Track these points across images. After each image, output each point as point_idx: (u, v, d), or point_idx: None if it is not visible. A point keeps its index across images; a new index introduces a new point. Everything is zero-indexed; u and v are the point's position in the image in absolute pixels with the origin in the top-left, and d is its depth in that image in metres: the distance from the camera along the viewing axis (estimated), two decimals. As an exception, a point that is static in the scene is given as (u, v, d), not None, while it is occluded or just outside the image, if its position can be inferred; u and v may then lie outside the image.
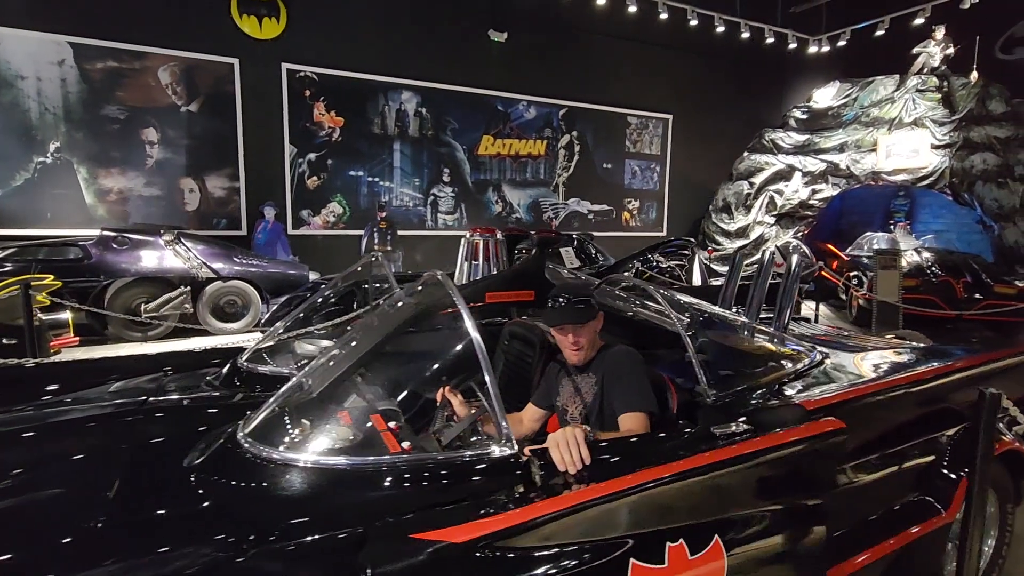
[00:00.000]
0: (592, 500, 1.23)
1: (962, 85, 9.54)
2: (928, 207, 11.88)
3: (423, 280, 1.76)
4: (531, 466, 1.34)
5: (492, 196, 9.63)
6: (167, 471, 1.38)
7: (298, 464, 1.28)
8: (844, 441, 1.56)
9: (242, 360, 2.08)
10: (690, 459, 1.36)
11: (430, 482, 1.26)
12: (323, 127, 8.23)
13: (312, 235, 8.41)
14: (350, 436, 1.47)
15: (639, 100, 10.83)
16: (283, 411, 1.51)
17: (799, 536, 1.50)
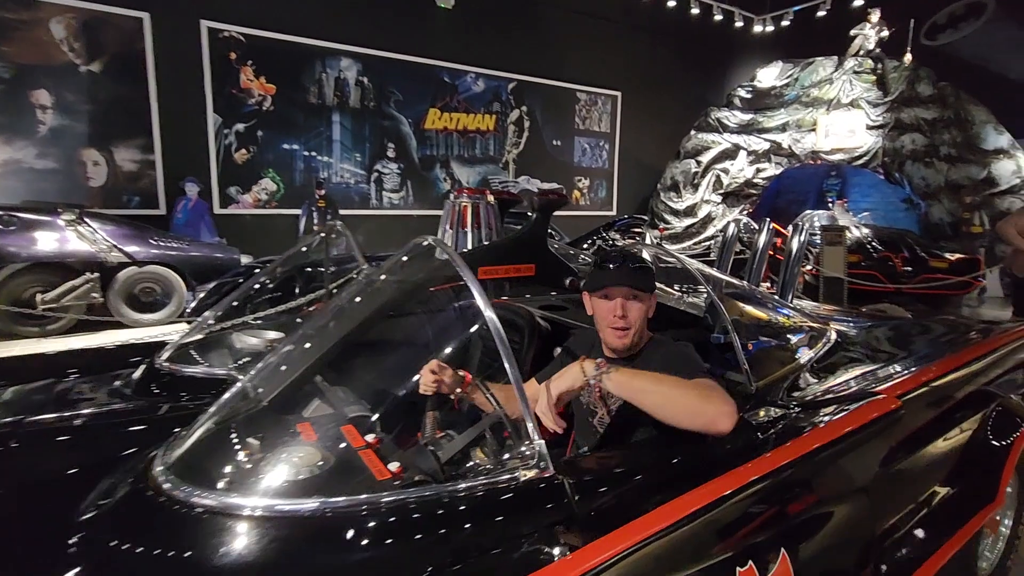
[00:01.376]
0: (654, 535, 0.93)
1: (895, 68, 9.92)
2: (859, 186, 12.45)
3: (410, 249, 1.38)
4: (566, 488, 1.02)
5: (440, 173, 9.13)
6: (48, 529, 0.95)
7: (246, 513, 0.89)
8: (902, 420, 1.34)
9: (161, 360, 1.63)
10: (760, 461, 1.08)
11: (443, 525, 0.91)
12: (252, 95, 7.42)
13: (242, 214, 7.63)
14: (318, 461, 1.09)
15: (588, 76, 10.58)
16: (221, 431, 1.10)
17: (856, 530, 1.27)
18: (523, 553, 0.87)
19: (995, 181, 9.17)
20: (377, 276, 1.41)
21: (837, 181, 12.93)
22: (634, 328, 1.32)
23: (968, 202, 9.43)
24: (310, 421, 1.30)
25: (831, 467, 1.12)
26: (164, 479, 0.96)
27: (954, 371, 1.60)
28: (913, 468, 1.46)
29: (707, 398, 1.11)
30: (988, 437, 1.74)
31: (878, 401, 1.26)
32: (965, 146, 9.41)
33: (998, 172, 9.14)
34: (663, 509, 0.96)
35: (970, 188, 9.36)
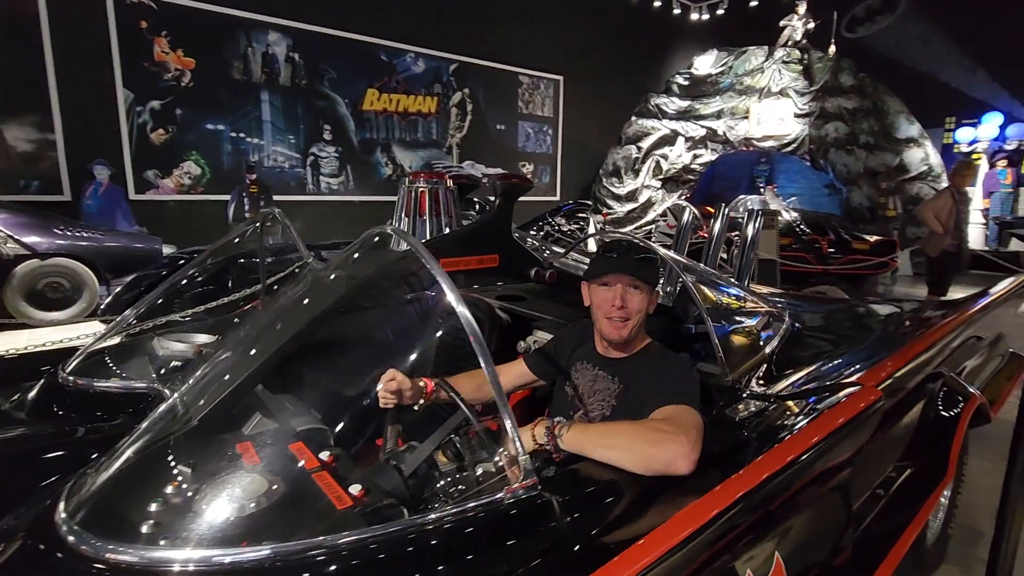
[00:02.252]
0: (655, 560, 0.84)
1: (819, 59, 10.41)
2: (786, 172, 13.11)
3: (365, 239, 1.22)
4: (554, 505, 0.92)
5: (381, 157, 8.75)
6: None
7: (176, 570, 0.73)
8: (880, 409, 1.34)
9: (66, 372, 1.39)
10: (762, 463, 1.03)
11: (419, 563, 0.79)
12: (168, 68, 6.78)
13: (163, 200, 7.01)
14: (263, 491, 0.93)
15: (531, 59, 10.44)
16: (140, 462, 0.92)
17: (838, 520, 1.26)
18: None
19: (907, 168, 9.86)
20: (327, 270, 1.25)
21: (766, 167, 13.57)
22: (632, 320, 1.25)
23: (884, 188, 10.11)
24: (251, 440, 1.13)
25: (820, 462, 1.10)
26: (68, 529, 0.77)
27: (918, 356, 1.63)
28: (880, 453, 1.48)
29: (657, 443, 1.01)
30: (937, 416, 1.80)
31: (862, 392, 1.25)
32: (881, 135, 10.05)
33: (909, 160, 9.83)
34: (661, 530, 0.88)
35: (885, 175, 10.02)
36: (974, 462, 2.42)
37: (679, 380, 1.18)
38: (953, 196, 5.19)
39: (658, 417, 1.08)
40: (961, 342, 2.07)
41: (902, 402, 1.62)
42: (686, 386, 1.17)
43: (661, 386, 1.17)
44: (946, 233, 5.18)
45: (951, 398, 1.86)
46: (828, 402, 1.22)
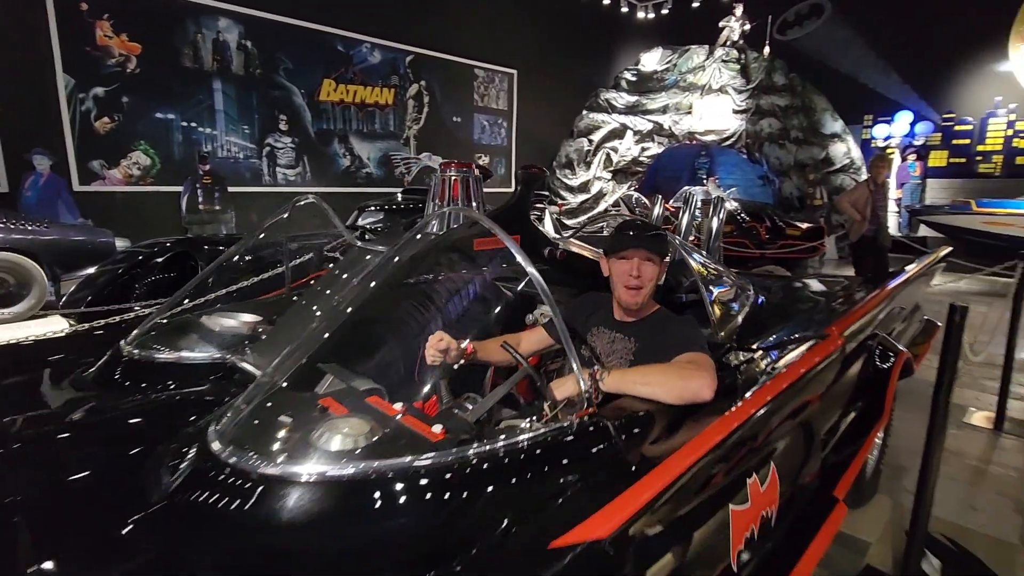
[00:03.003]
0: (698, 460, 1.10)
1: (755, 59, 11.13)
2: (725, 164, 13.90)
3: (432, 220, 1.40)
4: (610, 428, 1.15)
5: (339, 148, 8.68)
6: (117, 519, 0.89)
7: (314, 480, 0.91)
8: (841, 354, 1.66)
9: (129, 346, 1.50)
10: (763, 390, 1.31)
11: (504, 477, 0.99)
12: (112, 54, 6.48)
13: (109, 192, 6.71)
14: (367, 430, 1.11)
15: (485, 52, 10.58)
16: (266, 405, 1.09)
17: (812, 442, 1.57)
18: (576, 498, 0.97)
19: (831, 161, 10.75)
20: (394, 250, 1.41)
21: (707, 160, 14.33)
22: (646, 288, 1.47)
23: (811, 179, 10.98)
24: (331, 396, 1.30)
25: (801, 394, 1.39)
26: (228, 455, 0.94)
27: (862, 318, 1.98)
28: (836, 396, 1.82)
29: (686, 378, 1.27)
30: (875, 368, 2.18)
31: (830, 339, 1.55)
32: (809, 130, 10.90)
33: (834, 153, 10.72)
34: (691, 444, 1.14)
35: (813, 167, 10.89)
36: (897, 413, 2.87)
37: (690, 333, 1.44)
38: (870, 187, 5.81)
39: (684, 361, 1.33)
40: (888, 311, 2.47)
41: (851, 356, 1.97)
42: (696, 337, 1.43)
43: (676, 339, 1.42)
44: (864, 220, 5.80)
45: (885, 354, 2.24)
46: (807, 346, 1.52)
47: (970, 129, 10.53)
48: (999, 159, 10.28)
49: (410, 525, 0.88)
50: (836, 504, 1.55)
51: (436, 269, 1.56)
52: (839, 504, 1.56)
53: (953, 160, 10.74)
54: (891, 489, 2.55)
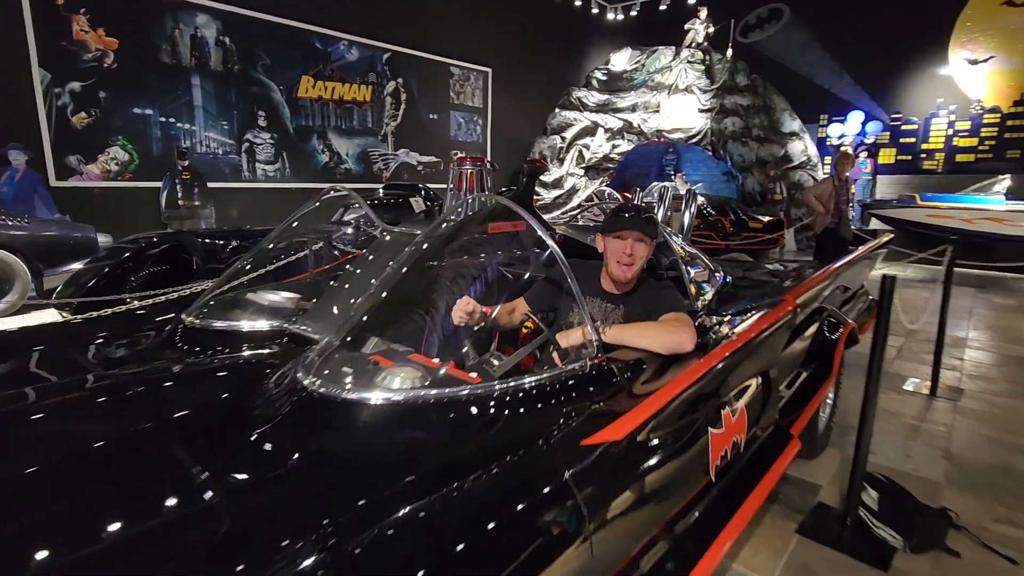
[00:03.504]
0: (687, 387, 1.40)
1: (719, 60, 11.64)
2: (691, 161, 14.41)
3: (465, 207, 1.66)
4: (615, 369, 1.44)
5: (317, 145, 8.77)
6: (228, 447, 1.12)
7: (391, 401, 1.18)
8: (794, 318, 2.00)
9: (189, 318, 1.72)
10: (748, 330, 1.62)
11: (536, 403, 1.26)
12: (89, 48, 6.45)
13: (87, 187, 6.69)
14: (419, 375, 1.37)
15: (461, 51, 10.79)
16: (338, 350, 1.34)
17: (773, 389, 1.90)
18: (586, 421, 1.25)
19: (790, 158, 11.35)
20: (431, 232, 1.66)
21: (673, 157, 14.84)
22: (636, 265, 1.71)
23: (772, 175, 11.57)
24: (379, 354, 1.56)
25: (762, 346, 1.70)
26: (316, 386, 1.19)
27: (809, 291, 2.32)
28: (792, 357, 2.15)
29: (672, 332, 1.55)
30: (825, 335, 2.54)
31: (784, 303, 1.87)
32: (770, 129, 11.48)
33: (792, 151, 11.33)
34: (677, 380, 1.43)
35: (773, 163, 11.47)
36: (847, 383, 3.26)
37: (673, 297, 1.73)
38: (834, 182, 6.29)
39: (669, 319, 1.62)
40: (834, 288, 2.84)
41: (803, 324, 2.31)
42: (678, 300, 1.72)
43: (662, 302, 1.70)
44: (827, 213, 6.27)
45: (833, 325, 2.61)
46: (766, 310, 1.84)
47: (915, 128, 11.28)
48: (941, 156, 11.07)
49: (469, 436, 1.15)
50: (791, 439, 1.88)
51: (464, 248, 1.81)
52: (794, 440, 1.89)
53: (900, 157, 11.49)
54: (840, 444, 2.93)
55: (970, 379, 4.04)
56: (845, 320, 2.67)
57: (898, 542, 2.11)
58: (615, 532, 1.08)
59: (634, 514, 1.14)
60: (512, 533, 0.92)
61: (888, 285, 1.92)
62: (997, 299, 7.03)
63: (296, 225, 2.09)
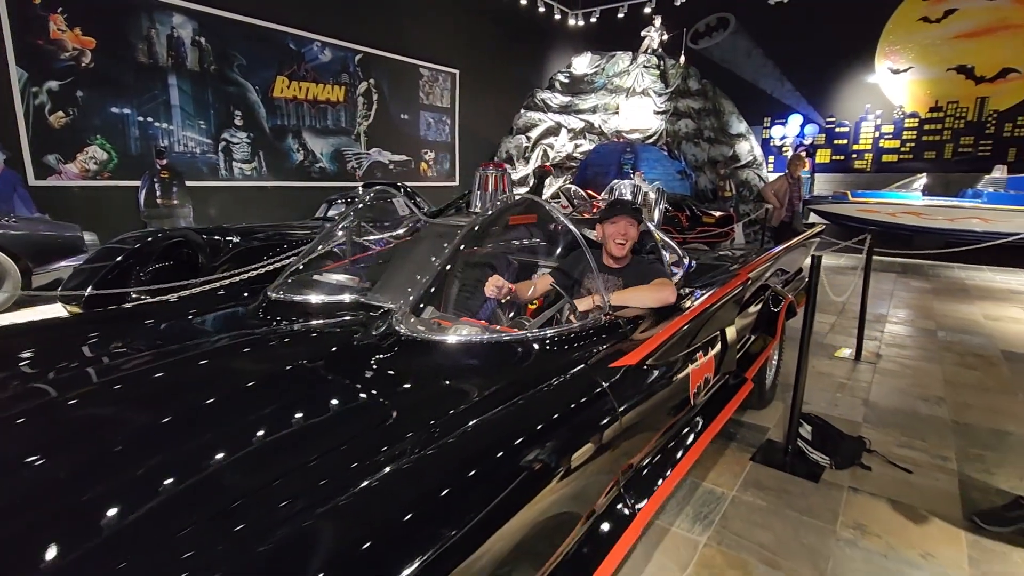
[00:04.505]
0: (673, 333, 1.93)
1: (672, 65, 12.42)
2: (647, 160, 15.22)
3: (509, 200, 2.13)
4: (621, 322, 1.95)
5: (293, 144, 8.95)
6: (340, 379, 1.55)
7: (468, 341, 1.64)
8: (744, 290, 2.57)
9: (274, 293, 2.12)
10: (711, 296, 2.17)
11: (564, 345, 1.75)
12: (66, 47, 6.48)
13: (67, 187, 6.72)
14: (478, 328, 1.84)
15: (429, 52, 11.12)
16: (415, 320, 1.79)
17: (734, 345, 2.47)
18: (609, 353, 1.75)
19: (738, 158, 12.26)
20: (478, 220, 2.11)
21: (631, 156, 15.62)
22: (628, 244, 2.25)
23: (722, 173, 12.46)
24: (438, 317, 2.01)
25: (722, 309, 2.25)
26: (405, 329, 1.65)
27: (756, 269, 2.91)
28: (745, 324, 2.72)
29: (660, 290, 2.10)
30: (769, 308, 3.14)
31: (739, 276, 2.43)
32: (719, 130, 12.36)
33: (740, 151, 12.24)
34: (666, 327, 1.95)
35: (723, 163, 12.36)
36: (789, 353, 3.90)
37: (657, 267, 2.28)
38: (788, 180, 7.04)
39: (655, 282, 2.16)
40: (775, 270, 3.47)
41: (752, 297, 2.90)
42: (661, 268, 2.27)
43: (649, 271, 2.23)
44: (782, 208, 7.03)
45: (776, 299, 3.22)
46: (727, 277, 2.41)
47: (847, 131, 12.40)
48: (869, 156, 12.22)
49: (531, 364, 1.62)
50: (745, 381, 2.45)
51: (497, 235, 2.29)
52: (747, 382, 2.46)
53: (835, 157, 12.60)
54: (783, 399, 3.56)
55: (887, 347, 4.80)
56: (785, 295, 3.29)
57: (826, 462, 2.72)
58: (633, 418, 1.58)
59: (644, 407, 1.65)
60: (570, 420, 1.40)
61: (816, 263, 2.52)
62: (914, 283, 8.01)
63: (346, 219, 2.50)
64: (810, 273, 2.57)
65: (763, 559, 2.06)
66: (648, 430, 1.68)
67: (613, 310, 1.97)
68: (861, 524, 2.29)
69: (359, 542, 0.85)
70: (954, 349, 4.75)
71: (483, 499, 1.01)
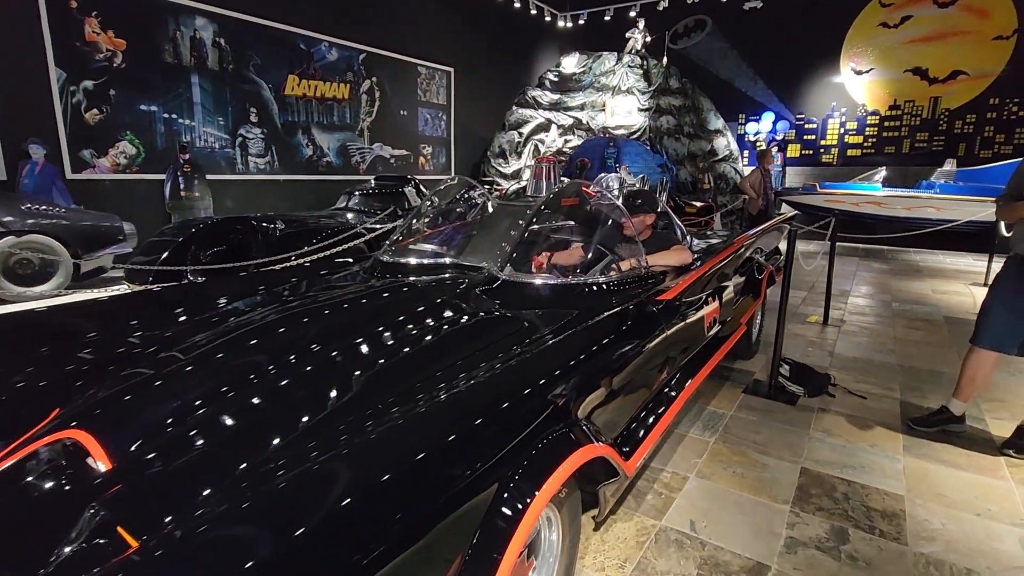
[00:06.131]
0: (693, 282, 2.64)
1: (655, 65, 13.18)
2: (630, 154, 16.01)
3: (561, 186, 2.81)
4: (655, 274, 2.66)
5: (302, 139, 9.43)
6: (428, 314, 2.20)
7: (551, 283, 2.31)
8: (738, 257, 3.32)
9: (383, 257, 2.75)
10: (714, 259, 2.89)
11: (630, 286, 2.45)
12: (100, 49, 6.89)
13: (99, 180, 7.13)
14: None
15: (427, 52, 11.66)
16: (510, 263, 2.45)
17: (734, 302, 3.20)
18: (653, 292, 2.45)
19: (716, 152, 13.11)
20: (544, 200, 2.77)
21: (614, 150, 16.40)
22: (641, 228, 2.95)
23: (701, 167, 13.30)
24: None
25: (722, 270, 2.99)
26: (506, 273, 2.31)
27: (746, 241, 3.66)
28: (737, 287, 3.46)
29: (680, 254, 2.84)
30: (754, 275, 3.89)
31: (732, 245, 3.17)
32: (698, 127, 13.18)
33: (717, 146, 13.08)
34: (686, 278, 2.66)
35: (701, 157, 13.20)
36: (769, 319, 4.67)
37: (673, 238, 2.99)
38: (762, 173, 7.85)
39: (674, 248, 2.87)
40: (757, 246, 4.22)
41: (742, 265, 3.64)
42: (677, 238, 3.00)
43: (668, 241, 2.95)
44: (759, 197, 7.84)
45: (759, 267, 3.97)
46: (723, 246, 3.14)
47: (815, 127, 13.37)
48: (836, 151, 13.21)
49: (593, 299, 2.30)
50: (740, 325, 3.18)
51: (555, 214, 2.97)
52: (742, 326, 3.20)
53: (804, 152, 13.56)
54: (765, 352, 4.32)
55: (850, 314, 5.63)
56: (767, 265, 4.05)
57: (800, 391, 3.48)
58: (672, 334, 2.28)
59: (678, 327, 2.35)
60: (632, 333, 2.09)
61: (793, 234, 3.26)
62: (875, 265, 8.95)
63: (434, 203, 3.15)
64: (788, 242, 3.33)
65: (757, 449, 2.79)
66: (680, 344, 2.39)
67: (649, 267, 2.67)
68: (827, 430, 3.04)
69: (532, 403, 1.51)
70: (905, 315, 5.61)
71: (578, 379, 1.64)
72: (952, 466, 2.68)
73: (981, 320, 2.84)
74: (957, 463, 2.71)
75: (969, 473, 2.61)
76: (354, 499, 0.95)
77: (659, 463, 2.65)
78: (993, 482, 2.54)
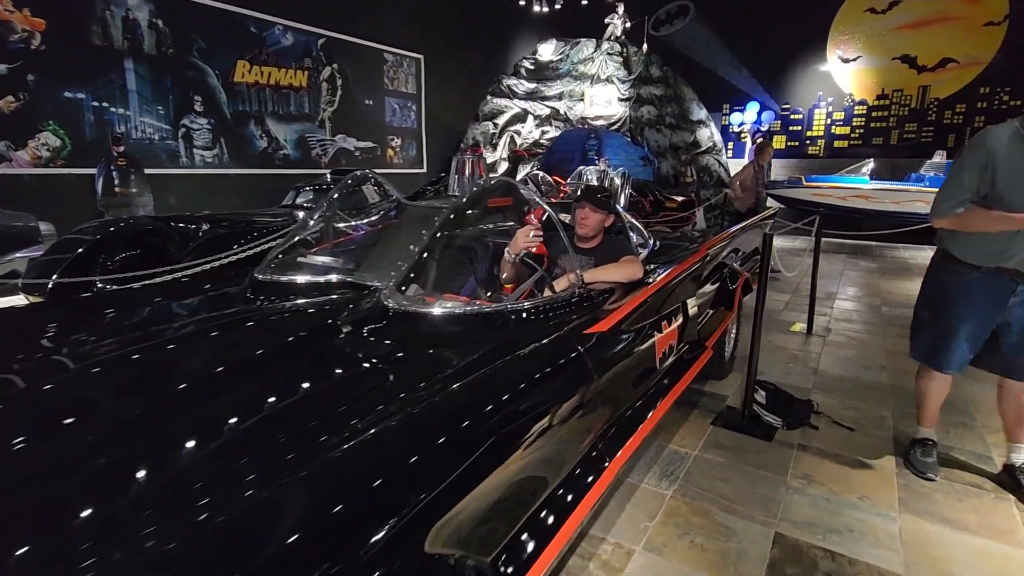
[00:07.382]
0: (639, 304, 2.11)
1: (635, 53, 12.62)
2: (611, 146, 15.49)
3: (487, 185, 2.25)
4: (593, 295, 2.12)
5: (255, 130, 8.77)
6: (324, 350, 1.66)
7: (449, 314, 1.78)
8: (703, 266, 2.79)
9: (261, 275, 2.19)
10: (673, 270, 2.36)
11: (542, 314, 1.91)
12: (14, 29, 6.20)
13: (18, 175, 6.46)
14: (464, 303, 1.97)
15: (393, 37, 11.01)
16: (404, 287, 1.91)
17: (694, 317, 2.68)
18: (584, 322, 1.91)
19: (699, 144, 12.61)
20: (458, 203, 2.22)
21: (595, 142, 15.87)
22: (589, 227, 2.42)
23: (683, 159, 12.81)
24: (422, 294, 2.13)
25: (683, 284, 2.45)
26: (395, 305, 1.76)
27: (716, 244, 3.13)
28: (706, 299, 2.94)
29: (628, 267, 2.29)
30: (727, 284, 3.37)
31: (697, 253, 2.63)
32: (680, 117, 12.66)
33: (700, 137, 12.58)
34: (633, 299, 2.13)
35: (684, 149, 12.70)
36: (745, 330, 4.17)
37: (626, 246, 2.45)
38: (754, 168, 7.36)
39: (624, 259, 2.33)
40: (732, 250, 3.71)
41: (711, 274, 3.12)
42: (629, 246, 2.45)
43: (618, 250, 2.40)
44: (750, 195, 7.36)
45: (733, 275, 3.45)
46: (688, 253, 2.61)
47: (801, 118, 12.91)
48: (822, 143, 12.77)
49: (502, 333, 1.77)
50: (706, 349, 2.66)
51: (476, 217, 2.42)
52: (707, 350, 2.68)
53: (790, 143, 13.11)
54: (741, 370, 3.82)
55: (836, 322, 5.16)
56: (741, 272, 3.53)
57: (778, 423, 2.98)
58: (606, 379, 1.75)
59: (616, 370, 1.83)
60: (549, 381, 1.56)
61: (768, 240, 2.74)
62: (863, 263, 8.51)
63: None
64: (763, 248, 2.81)
65: (722, 507, 2.28)
66: (619, 390, 1.86)
67: (586, 285, 2.14)
68: (808, 475, 2.54)
69: (362, 495, 0.97)
70: (896, 322, 5.14)
71: (467, 454, 1.15)
72: (960, 528, 2.19)
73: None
74: (966, 524, 2.22)
75: (981, 539, 2.12)
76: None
77: (600, 529, 2.13)
78: (1012, 551, 2.05)
